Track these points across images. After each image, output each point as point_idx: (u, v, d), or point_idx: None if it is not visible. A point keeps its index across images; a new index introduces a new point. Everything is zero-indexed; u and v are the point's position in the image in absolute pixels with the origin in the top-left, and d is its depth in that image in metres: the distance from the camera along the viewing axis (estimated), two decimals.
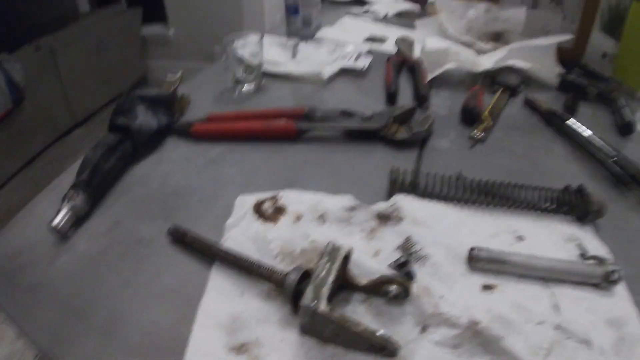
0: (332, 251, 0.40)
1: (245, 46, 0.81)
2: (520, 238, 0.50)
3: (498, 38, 1.11)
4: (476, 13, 1.10)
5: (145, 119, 0.63)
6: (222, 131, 0.66)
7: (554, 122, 0.76)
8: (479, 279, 0.44)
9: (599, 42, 1.46)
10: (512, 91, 0.87)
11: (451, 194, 0.54)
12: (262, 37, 0.82)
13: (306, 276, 0.39)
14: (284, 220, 0.49)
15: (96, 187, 0.53)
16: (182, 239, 0.46)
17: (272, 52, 0.95)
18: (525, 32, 1.07)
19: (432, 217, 0.50)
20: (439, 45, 0.92)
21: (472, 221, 0.52)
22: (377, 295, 0.41)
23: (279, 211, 0.50)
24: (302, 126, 0.66)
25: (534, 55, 0.94)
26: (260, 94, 0.82)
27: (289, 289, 0.38)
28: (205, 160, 0.61)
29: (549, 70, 0.96)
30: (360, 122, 0.68)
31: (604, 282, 0.44)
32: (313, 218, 0.50)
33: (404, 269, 0.43)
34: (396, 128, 0.67)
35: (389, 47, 1.07)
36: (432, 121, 0.69)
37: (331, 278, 0.38)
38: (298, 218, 0.49)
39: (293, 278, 0.38)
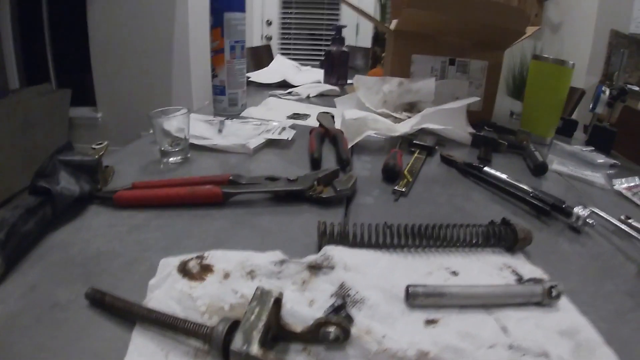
0: (261, 295, 0.36)
1: (172, 119, 0.80)
2: (454, 273, 0.49)
3: (411, 108, 1.18)
4: (390, 87, 1.17)
5: (67, 184, 0.59)
6: (146, 198, 0.62)
7: (471, 172, 0.80)
8: (420, 315, 0.42)
9: (507, 104, 1.60)
10: (428, 151, 0.92)
11: (381, 241, 0.53)
12: (188, 111, 0.82)
13: (236, 327, 0.35)
14: (211, 279, 0.45)
15: (12, 249, 0.48)
16: (101, 301, 0.41)
17: (198, 127, 0.95)
18: (436, 101, 1.14)
19: (364, 263, 0.49)
20: (357, 114, 0.95)
21: (404, 264, 0.51)
22: (316, 342, 0.37)
23: (205, 270, 0.46)
24: (228, 190, 0.64)
25: (447, 117, 1.01)
26: (186, 165, 0.80)
27: (217, 340, 0.34)
28: (128, 227, 0.57)
29: (462, 130, 1.02)
30: (286, 184, 0.67)
31: (546, 299, 0.44)
32: (242, 275, 0.46)
33: (341, 312, 0.40)
34: (321, 189, 0.67)
35: (312, 122, 1.10)
36: (355, 180, 0.70)
37: (262, 322, 0.34)
38: (226, 276, 0.46)
39: (221, 329, 0.34)
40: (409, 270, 0.49)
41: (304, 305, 0.42)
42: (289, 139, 0.92)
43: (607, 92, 1.08)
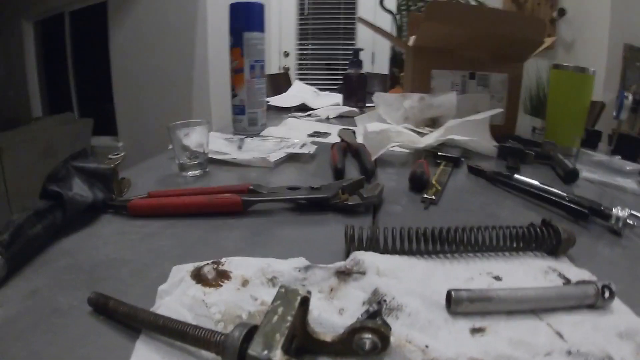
0: (286, 294, 0.30)
1: (191, 132, 0.76)
2: (497, 278, 0.43)
3: (434, 124, 1.13)
4: (411, 103, 1.13)
5: (80, 190, 0.55)
6: (162, 206, 0.58)
7: (501, 181, 0.74)
8: (465, 324, 0.36)
9: (527, 122, 1.54)
10: (455, 162, 0.86)
11: (415, 246, 0.47)
12: (208, 123, 0.78)
13: (254, 333, 0.29)
14: (228, 285, 0.39)
15: (16, 251, 0.43)
16: (104, 306, 0.36)
17: (217, 143, 0.91)
18: (458, 115, 1.09)
19: (398, 268, 0.43)
20: (380, 127, 0.91)
21: (442, 269, 0.45)
22: (348, 353, 0.31)
23: (221, 276, 0.41)
24: (248, 198, 0.59)
25: (471, 129, 0.95)
26: (205, 179, 0.76)
27: (232, 349, 0.28)
28: (141, 235, 0.53)
29: (486, 141, 0.96)
30: (309, 193, 0.62)
31: (599, 300, 0.38)
32: (262, 282, 0.41)
33: (377, 319, 0.34)
34: (346, 197, 0.62)
35: (333, 140, 1.06)
36: (382, 188, 0.64)
37: (286, 325, 0.28)
38: (244, 283, 0.40)
39: (237, 335, 0.29)
40: (449, 276, 0.43)
41: (333, 314, 0.37)
42: (311, 152, 0.88)
43: (630, 98, 1.01)
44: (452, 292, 0.37)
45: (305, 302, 0.31)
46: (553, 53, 3.65)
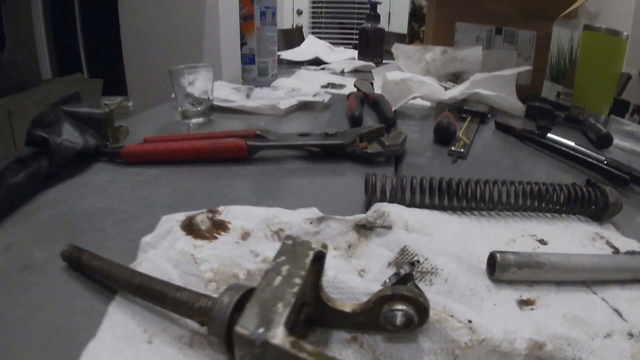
0: (294, 247, 0.22)
1: (195, 80, 0.68)
2: (542, 242, 0.36)
3: (456, 79, 1.03)
4: (433, 55, 1.02)
5: (70, 136, 0.47)
6: (158, 152, 0.50)
7: (533, 139, 0.65)
8: (511, 294, 0.29)
9: (551, 88, 1.43)
10: (481, 118, 0.77)
11: (446, 201, 0.39)
12: (212, 66, 0.69)
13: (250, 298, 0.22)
14: (225, 238, 0.32)
15: None
16: (78, 262, 0.29)
17: (224, 91, 0.82)
18: (482, 71, 0.99)
19: (430, 223, 0.35)
20: (401, 75, 0.81)
21: (479, 228, 0.37)
22: (373, 327, 0.24)
23: (218, 226, 0.33)
24: (254, 143, 0.51)
25: (497, 85, 0.85)
26: (209, 127, 0.68)
27: (219, 320, 0.21)
28: (133, 183, 0.45)
29: (513, 99, 0.87)
30: (324, 139, 0.54)
31: None
32: (266, 235, 0.33)
33: (408, 284, 0.26)
34: (365, 145, 0.53)
35: (348, 91, 0.97)
36: (405, 137, 0.56)
37: (294, 291, 0.20)
38: (245, 235, 0.33)
39: (227, 302, 0.21)
40: (487, 236, 0.36)
41: (353, 276, 0.29)
42: (325, 101, 0.79)
43: None
44: (497, 255, 0.30)
45: (319, 258, 0.23)
46: (576, 22, 3.46)
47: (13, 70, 2.03)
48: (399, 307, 0.22)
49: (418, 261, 0.29)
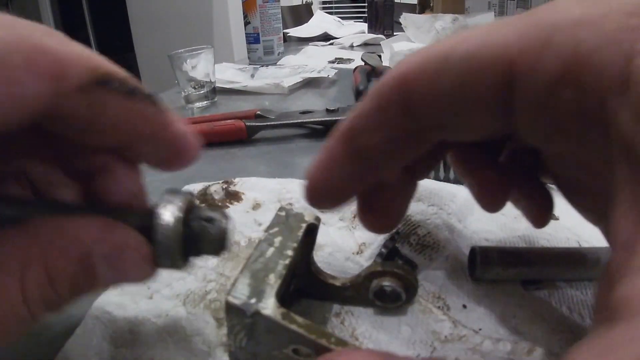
0: (287, 219, 0.22)
1: (196, 63, 0.67)
2: (553, 217, 0.34)
3: None
4: (443, 24, 0.99)
5: None
6: None
7: None
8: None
9: None
10: None
11: (454, 176, 0.38)
12: (212, 47, 0.68)
13: (208, 219, 0.19)
14: (236, 207, 0.33)
15: None
16: None
17: (228, 73, 0.82)
18: None
19: (436, 194, 0.34)
20: (409, 46, 0.79)
21: None
22: (362, 302, 0.23)
23: (232, 196, 0.34)
24: (253, 124, 0.50)
25: None
26: (213, 110, 0.67)
27: (169, 233, 0.17)
28: None
29: None
30: (325, 116, 0.52)
31: None
32: (276, 206, 0.33)
33: (396, 259, 0.26)
34: None
35: (356, 64, 0.95)
36: None
37: (285, 261, 0.19)
38: (256, 206, 0.33)
39: (179, 207, 0.18)
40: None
41: (349, 253, 0.28)
42: (330, 76, 0.77)
43: None
44: (477, 253, 0.25)
45: (311, 231, 0.22)
46: None
47: None
48: (388, 283, 0.22)
49: (398, 233, 0.28)
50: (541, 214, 0.23)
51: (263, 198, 0.34)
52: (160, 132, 0.18)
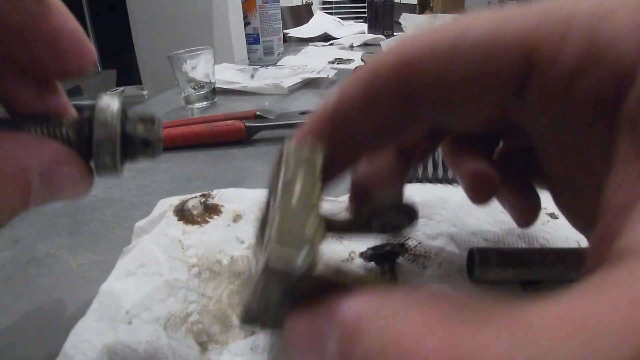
0: (299, 156, 0.17)
1: (196, 64, 0.67)
2: (552, 215, 0.34)
3: None
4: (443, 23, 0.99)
5: None
6: None
7: None
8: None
9: None
10: None
11: (450, 174, 0.38)
12: (211, 48, 0.69)
13: (144, 121, 0.18)
14: (216, 222, 0.32)
15: None
16: None
17: (228, 73, 0.82)
18: None
19: (425, 206, 0.34)
20: None
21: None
22: (363, 230, 0.22)
23: (210, 210, 0.33)
24: (252, 124, 0.50)
25: None
26: (213, 111, 0.68)
27: (109, 132, 0.17)
28: (134, 171, 0.45)
29: None
30: None
31: None
32: (257, 217, 0.33)
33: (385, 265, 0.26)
34: None
35: (356, 65, 0.95)
36: None
37: (317, 211, 0.15)
38: (236, 218, 0.32)
39: (112, 112, 0.17)
40: (492, 209, 0.34)
41: (340, 259, 0.29)
42: (330, 76, 0.77)
43: None
44: (476, 253, 0.25)
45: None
46: None
47: None
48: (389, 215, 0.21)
49: (407, 246, 0.28)
50: (526, 214, 0.23)
51: (243, 208, 0.33)
52: (39, 24, 0.16)
